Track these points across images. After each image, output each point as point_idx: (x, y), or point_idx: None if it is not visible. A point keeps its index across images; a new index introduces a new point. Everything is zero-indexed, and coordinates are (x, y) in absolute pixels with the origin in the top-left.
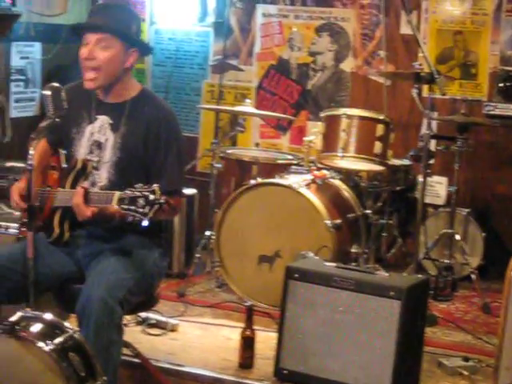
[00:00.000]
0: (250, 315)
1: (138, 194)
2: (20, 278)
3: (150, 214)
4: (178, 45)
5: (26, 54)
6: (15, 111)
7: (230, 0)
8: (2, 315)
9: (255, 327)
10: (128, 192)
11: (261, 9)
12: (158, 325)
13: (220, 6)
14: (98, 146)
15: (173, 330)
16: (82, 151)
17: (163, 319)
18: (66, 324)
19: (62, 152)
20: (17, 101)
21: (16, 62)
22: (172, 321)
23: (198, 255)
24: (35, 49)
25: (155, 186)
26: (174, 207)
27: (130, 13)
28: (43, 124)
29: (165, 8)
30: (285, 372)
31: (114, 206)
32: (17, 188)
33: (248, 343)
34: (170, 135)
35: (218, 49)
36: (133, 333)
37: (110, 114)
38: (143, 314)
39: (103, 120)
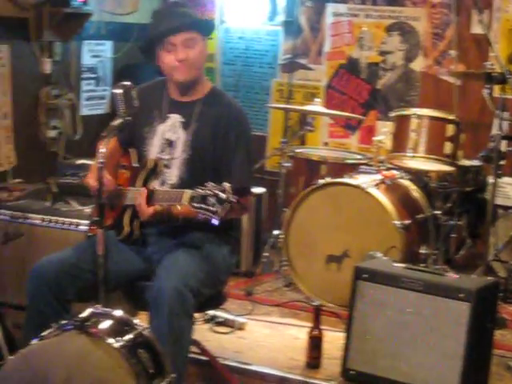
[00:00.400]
0: (317, 315)
1: (209, 192)
2: (90, 277)
3: (220, 212)
4: (248, 44)
5: (97, 53)
6: (86, 109)
7: None
8: (73, 312)
9: (323, 327)
10: (199, 190)
11: (331, 8)
12: (225, 323)
13: (290, 5)
14: (170, 144)
15: (240, 329)
16: (153, 150)
17: (231, 317)
18: (136, 321)
19: (133, 151)
20: (87, 99)
21: (87, 60)
22: (240, 319)
23: (266, 254)
24: (106, 47)
25: (226, 185)
26: (244, 206)
27: (187, 4)
28: (114, 122)
29: (235, 7)
30: (352, 372)
31: (179, 206)
32: (91, 176)
33: (315, 343)
34: (240, 134)
35: (287, 48)
36: (201, 331)
37: (181, 113)
38: (211, 312)
39: (175, 118)
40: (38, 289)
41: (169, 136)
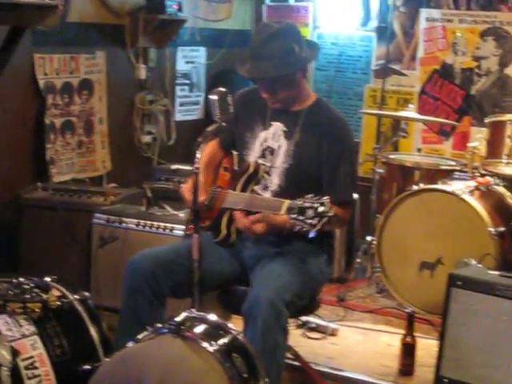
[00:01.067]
0: (410, 322)
1: (308, 204)
2: (186, 274)
3: (317, 225)
4: (341, 49)
5: (191, 59)
6: (179, 114)
7: (393, 4)
8: (168, 314)
9: (416, 334)
10: (298, 202)
11: (424, 13)
12: (318, 329)
13: (383, 11)
14: (271, 152)
15: (332, 335)
16: (254, 155)
17: (323, 323)
18: (230, 325)
19: (235, 153)
20: (181, 104)
21: (181, 66)
22: (332, 325)
23: (358, 260)
24: (200, 53)
25: (325, 199)
26: (344, 219)
27: (288, 34)
28: (210, 128)
29: (328, 12)
30: (445, 380)
31: (281, 216)
32: (187, 186)
33: (408, 350)
34: (344, 146)
35: (380, 53)
36: (293, 336)
37: (284, 122)
38: (303, 318)
39: (277, 127)
40: (134, 282)
41: (270, 143)
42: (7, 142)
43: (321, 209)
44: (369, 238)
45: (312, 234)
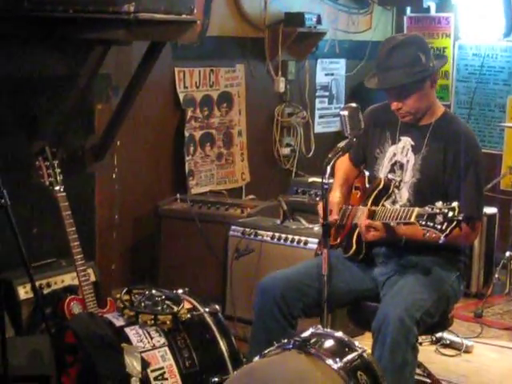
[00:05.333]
0: None
1: (437, 211)
2: (316, 294)
3: (446, 230)
4: (483, 60)
5: (331, 71)
6: (319, 127)
7: None
8: (297, 330)
9: None
10: (427, 209)
11: None
12: (452, 345)
13: None
14: (400, 166)
15: (467, 352)
16: (383, 171)
17: (458, 340)
18: (356, 343)
19: (366, 173)
20: (321, 116)
21: (321, 78)
22: (467, 342)
23: (496, 275)
24: (340, 65)
25: (455, 204)
26: (469, 235)
27: (413, 44)
28: (341, 144)
29: (469, 23)
30: None
31: (404, 226)
32: (323, 206)
33: None
34: (470, 161)
35: None
36: (426, 352)
37: (412, 136)
38: (438, 334)
39: (406, 141)
40: (264, 304)
41: (399, 158)
42: (148, 154)
43: (450, 214)
44: (508, 254)
45: (442, 240)
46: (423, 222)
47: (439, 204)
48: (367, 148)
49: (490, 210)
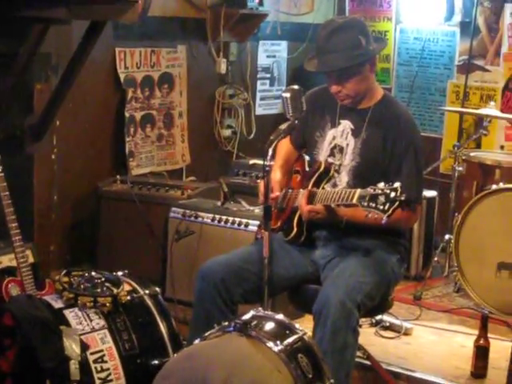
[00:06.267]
0: (485, 324)
1: (379, 191)
2: (256, 280)
3: (389, 211)
4: (424, 44)
5: (273, 53)
6: (260, 109)
7: None
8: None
9: (491, 335)
10: (369, 190)
11: (510, 8)
12: (391, 327)
13: (467, 6)
14: (340, 150)
15: (406, 334)
16: (323, 154)
17: (397, 322)
18: (297, 325)
19: (306, 157)
20: (262, 98)
21: (262, 60)
22: (406, 324)
23: (435, 258)
24: (281, 47)
25: (397, 185)
26: (408, 218)
27: (353, 27)
28: (282, 126)
29: (411, 7)
30: None
31: (344, 207)
32: (264, 185)
33: (482, 352)
34: (409, 144)
35: (463, 49)
36: (366, 334)
37: (352, 120)
38: (377, 316)
39: (346, 125)
40: (205, 290)
41: (339, 142)
42: (88, 134)
43: (392, 194)
44: (447, 237)
45: (384, 221)
46: (365, 204)
47: (381, 185)
48: (307, 131)
49: (429, 193)
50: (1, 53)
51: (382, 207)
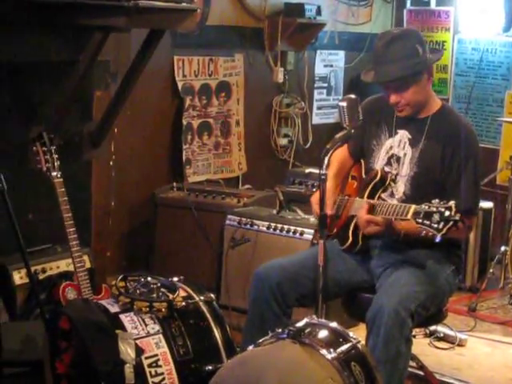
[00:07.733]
0: None
1: (434, 209)
2: (311, 285)
3: (443, 230)
4: (482, 55)
5: (330, 62)
6: (317, 118)
7: None
8: (292, 319)
9: None
10: (424, 206)
11: None
12: (445, 338)
13: None
14: (397, 159)
15: (460, 345)
16: (379, 163)
17: (452, 333)
18: (351, 333)
19: (363, 162)
20: (319, 108)
21: (320, 69)
22: (461, 335)
23: (491, 270)
24: (339, 57)
25: (452, 203)
26: (468, 226)
27: (409, 37)
28: (339, 135)
29: (469, 17)
30: None
31: (402, 221)
32: (315, 197)
33: None
34: (468, 154)
35: None
36: (420, 345)
37: (409, 129)
38: (431, 327)
39: (403, 134)
40: (260, 293)
41: (396, 151)
42: (145, 141)
43: (447, 213)
44: (503, 248)
45: (438, 239)
46: (420, 220)
47: (435, 202)
48: (364, 140)
49: (486, 204)
50: (61, 60)
51: (436, 226)
